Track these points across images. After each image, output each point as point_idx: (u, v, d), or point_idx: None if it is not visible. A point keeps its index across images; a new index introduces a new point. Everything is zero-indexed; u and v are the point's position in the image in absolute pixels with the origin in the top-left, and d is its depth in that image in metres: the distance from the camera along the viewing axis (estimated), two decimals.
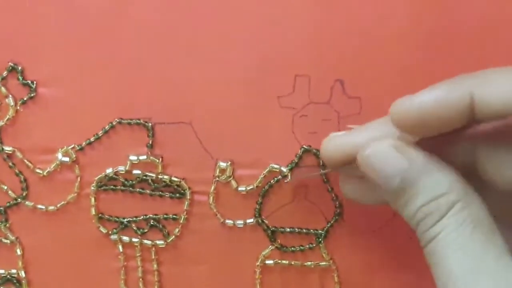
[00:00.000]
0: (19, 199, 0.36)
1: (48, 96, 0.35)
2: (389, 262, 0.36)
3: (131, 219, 0.36)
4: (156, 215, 0.36)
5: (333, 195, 0.34)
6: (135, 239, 0.36)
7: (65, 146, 0.35)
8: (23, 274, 0.37)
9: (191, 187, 0.35)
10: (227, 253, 0.36)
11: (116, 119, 0.35)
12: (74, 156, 0.35)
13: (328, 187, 0.34)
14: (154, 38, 0.34)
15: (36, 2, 0.34)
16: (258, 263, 0.36)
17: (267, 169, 0.34)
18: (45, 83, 0.35)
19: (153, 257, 0.36)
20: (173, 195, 0.35)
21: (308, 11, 0.33)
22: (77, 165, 0.35)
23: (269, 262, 0.36)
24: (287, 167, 0.34)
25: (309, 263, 0.36)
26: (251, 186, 0.35)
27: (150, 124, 0.34)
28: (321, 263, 0.36)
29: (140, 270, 0.37)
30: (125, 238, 0.36)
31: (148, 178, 0.35)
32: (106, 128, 0.35)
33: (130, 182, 0.35)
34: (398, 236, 0.35)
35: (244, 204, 0.35)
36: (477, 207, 0.26)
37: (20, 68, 0.35)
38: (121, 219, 0.36)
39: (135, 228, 0.36)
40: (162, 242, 0.36)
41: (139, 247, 0.36)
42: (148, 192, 0.35)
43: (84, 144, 0.35)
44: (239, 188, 0.35)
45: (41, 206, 0.36)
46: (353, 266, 0.36)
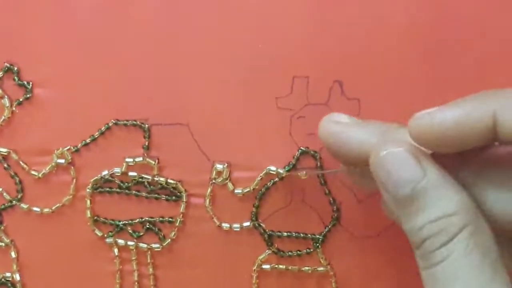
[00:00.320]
0: (14, 201, 0.36)
1: (44, 97, 0.35)
2: (387, 268, 0.35)
3: (126, 222, 0.36)
4: (152, 218, 0.35)
5: (331, 199, 0.34)
6: (130, 243, 0.36)
7: (61, 148, 0.35)
8: (17, 277, 0.37)
9: (187, 189, 0.35)
10: (223, 257, 0.35)
11: (112, 120, 0.35)
12: (69, 157, 0.35)
13: (326, 189, 0.34)
14: (151, 39, 0.34)
15: (32, 3, 0.34)
16: (254, 267, 0.35)
17: (264, 171, 0.34)
18: (41, 84, 0.35)
19: (149, 260, 0.36)
20: (169, 198, 0.35)
21: (306, 12, 0.33)
22: (72, 167, 0.35)
23: (266, 266, 0.35)
24: (284, 169, 0.34)
25: (306, 268, 0.35)
26: (247, 189, 0.34)
27: (147, 125, 0.34)
28: (318, 268, 0.35)
29: (136, 274, 0.36)
30: (121, 242, 0.36)
31: (144, 180, 0.35)
32: (102, 129, 0.35)
33: (126, 184, 0.35)
34: (397, 241, 0.34)
35: (241, 207, 0.35)
36: (486, 233, 0.25)
37: (16, 68, 0.35)
38: (117, 222, 0.36)
39: (130, 231, 0.36)
40: (158, 245, 0.36)
41: (134, 250, 0.36)
42: (144, 194, 0.35)
43: (80, 145, 0.35)
44: (236, 191, 0.34)
45: (36, 209, 0.36)
46: (351, 271, 0.35)
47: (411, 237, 0.26)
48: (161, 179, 0.35)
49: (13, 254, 0.36)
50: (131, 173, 0.35)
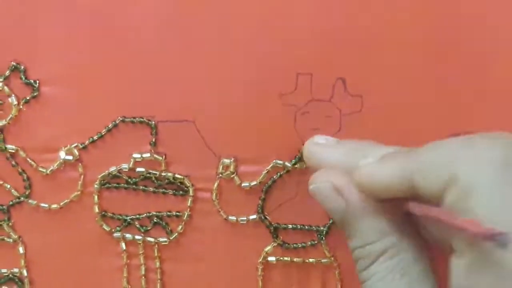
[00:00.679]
0: (22, 198, 0.36)
1: (51, 95, 0.35)
2: None
3: (134, 216, 0.36)
4: (159, 212, 0.36)
5: None
6: (138, 237, 0.36)
7: (68, 145, 0.35)
8: (25, 273, 0.37)
9: (194, 184, 0.35)
10: (229, 249, 0.36)
11: (119, 117, 0.35)
12: (77, 154, 0.35)
13: None
14: (157, 36, 0.34)
15: (39, 2, 0.34)
16: (260, 259, 0.36)
17: (271, 164, 0.34)
18: (47, 82, 0.35)
19: (156, 254, 0.36)
20: (176, 192, 0.36)
21: (310, 9, 0.33)
22: (80, 164, 0.36)
23: (271, 258, 0.36)
24: (290, 162, 0.35)
25: (311, 260, 0.36)
26: (254, 182, 0.35)
27: (153, 122, 0.35)
28: (322, 260, 0.36)
29: (143, 268, 0.37)
30: (128, 236, 0.36)
31: (151, 175, 0.35)
32: (109, 126, 0.35)
33: (134, 180, 0.36)
34: None
35: (247, 200, 0.35)
36: (407, 255, 0.27)
37: (22, 67, 0.35)
38: (124, 217, 0.36)
39: (138, 226, 0.36)
40: (165, 239, 0.36)
41: (142, 244, 0.36)
42: (151, 189, 0.36)
43: (87, 142, 0.35)
44: (243, 184, 0.35)
45: (44, 205, 0.36)
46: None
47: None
48: (169, 174, 0.35)
49: (21, 250, 0.37)
50: (138, 169, 0.35)
